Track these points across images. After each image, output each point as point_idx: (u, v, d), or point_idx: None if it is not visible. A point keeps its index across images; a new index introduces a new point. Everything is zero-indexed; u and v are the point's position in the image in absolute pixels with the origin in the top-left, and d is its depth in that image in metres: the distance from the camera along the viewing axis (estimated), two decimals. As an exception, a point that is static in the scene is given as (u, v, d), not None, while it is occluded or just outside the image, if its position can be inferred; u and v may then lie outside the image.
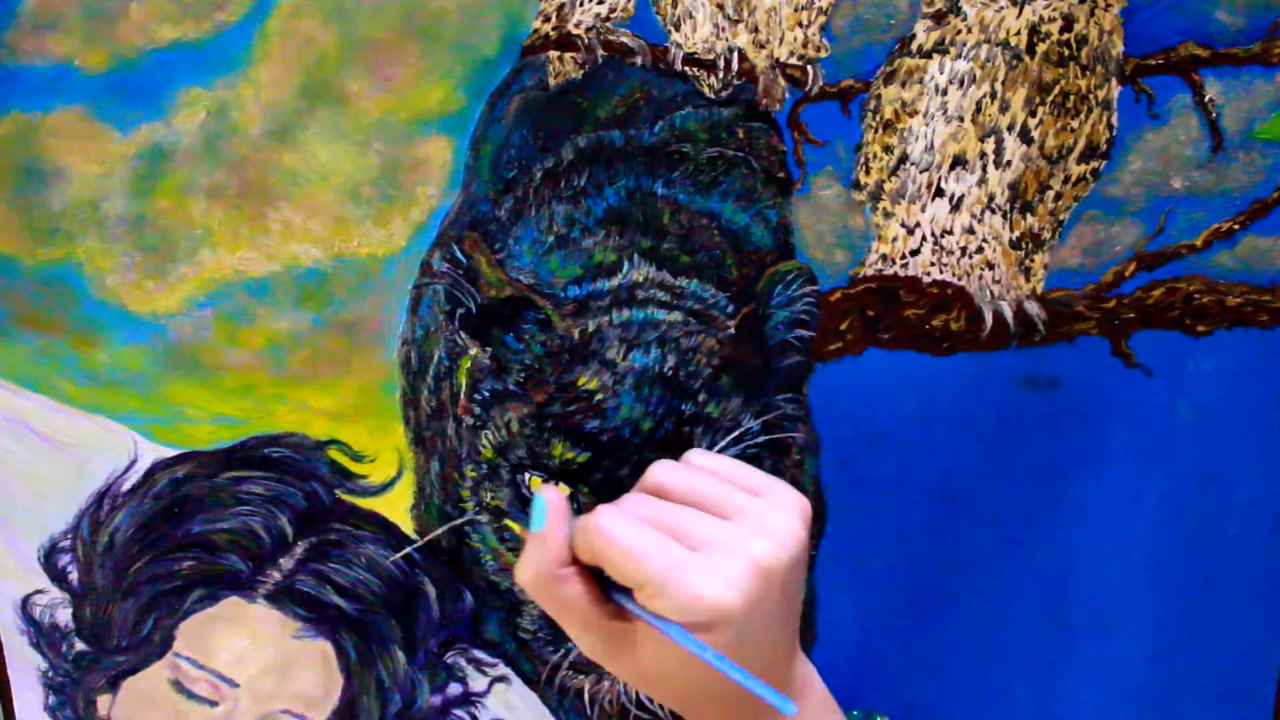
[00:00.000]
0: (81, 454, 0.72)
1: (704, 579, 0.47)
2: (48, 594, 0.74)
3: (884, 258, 0.65)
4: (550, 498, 0.52)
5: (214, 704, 0.73)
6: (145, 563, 0.72)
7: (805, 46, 0.63)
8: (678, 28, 0.63)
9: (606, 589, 0.52)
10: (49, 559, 0.73)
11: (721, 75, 0.64)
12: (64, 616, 0.74)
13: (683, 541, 0.49)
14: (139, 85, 0.64)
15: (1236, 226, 0.64)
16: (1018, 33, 0.61)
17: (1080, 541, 0.69)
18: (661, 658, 0.51)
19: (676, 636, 0.47)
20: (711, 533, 0.49)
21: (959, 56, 0.62)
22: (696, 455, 0.55)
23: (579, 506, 0.65)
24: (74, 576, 0.73)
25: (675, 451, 0.66)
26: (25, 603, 0.74)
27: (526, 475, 0.68)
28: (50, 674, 0.75)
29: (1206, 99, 0.61)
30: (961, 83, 0.62)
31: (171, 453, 0.71)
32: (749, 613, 0.48)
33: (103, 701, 0.75)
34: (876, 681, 0.71)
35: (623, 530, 0.49)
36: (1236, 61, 0.61)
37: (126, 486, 0.72)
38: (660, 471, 0.54)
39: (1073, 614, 0.65)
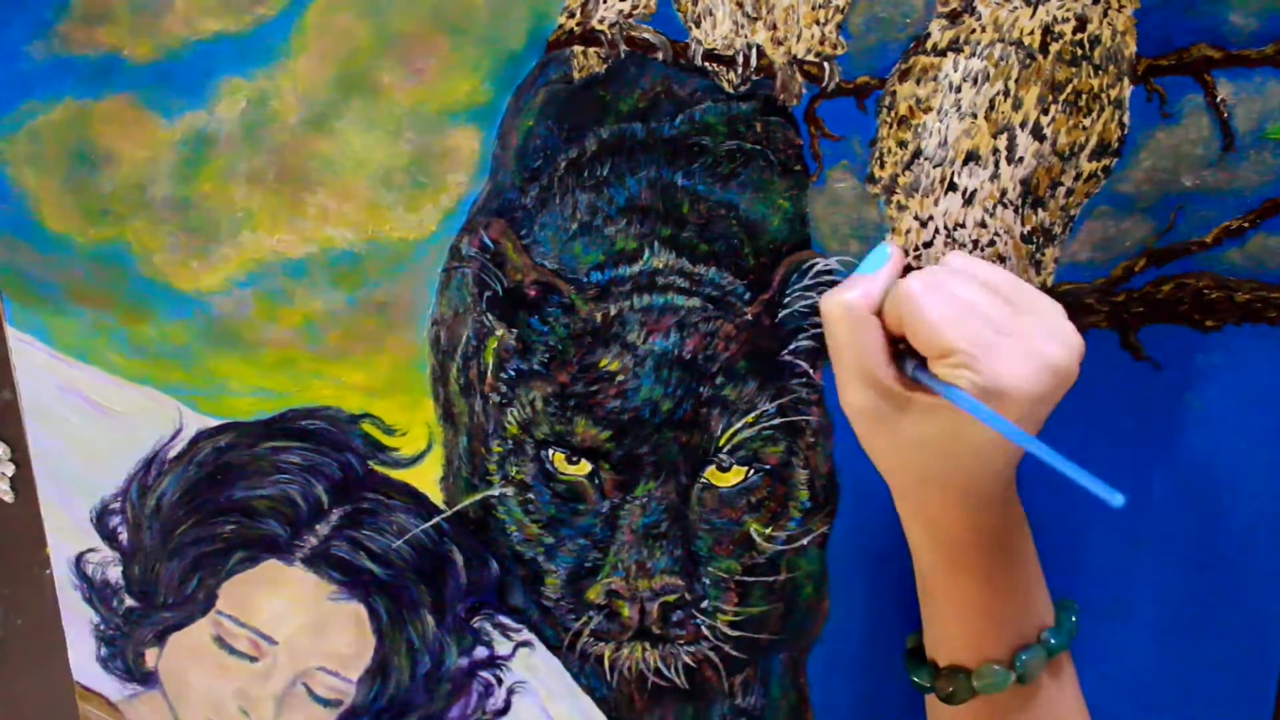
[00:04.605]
0: (130, 422, 0.73)
1: (1005, 362, 0.51)
2: (99, 553, 0.76)
3: (897, 249, 0.66)
4: (894, 253, 0.56)
5: (254, 659, 0.75)
6: (189, 526, 0.74)
7: (822, 44, 0.63)
8: (698, 24, 0.63)
9: (900, 357, 0.54)
10: (100, 520, 0.75)
11: (740, 71, 0.64)
12: (114, 574, 0.76)
13: (986, 323, 0.52)
14: (183, 75, 0.65)
15: (1246, 224, 0.63)
16: (1031, 32, 0.61)
17: (1086, 531, 0.70)
18: (923, 430, 0.54)
19: (967, 405, 0.50)
20: (1012, 323, 0.52)
21: (973, 55, 0.62)
22: (965, 260, 0.57)
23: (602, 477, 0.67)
24: (124, 537, 0.75)
25: (694, 432, 0.68)
26: (79, 560, 0.76)
27: (550, 451, 0.70)
28: (102, 628, 0.77)
29: (1219, 99, 0.61)
30: (975, 80, 0.62)
31: (214, 423, 0.72)
32: (1034, 404, 0.51)
33: (150, 654, 0.77)
34: (888, 660, 0.71)
35: (936, 302, 0.52)
36: (1249, 63, 0.60)
37: (172, 454, 0.73)
38: (960, 260, 0.56)
39: (1077, 602, 0.65)
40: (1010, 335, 0.52)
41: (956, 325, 0.52)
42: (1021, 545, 0.60)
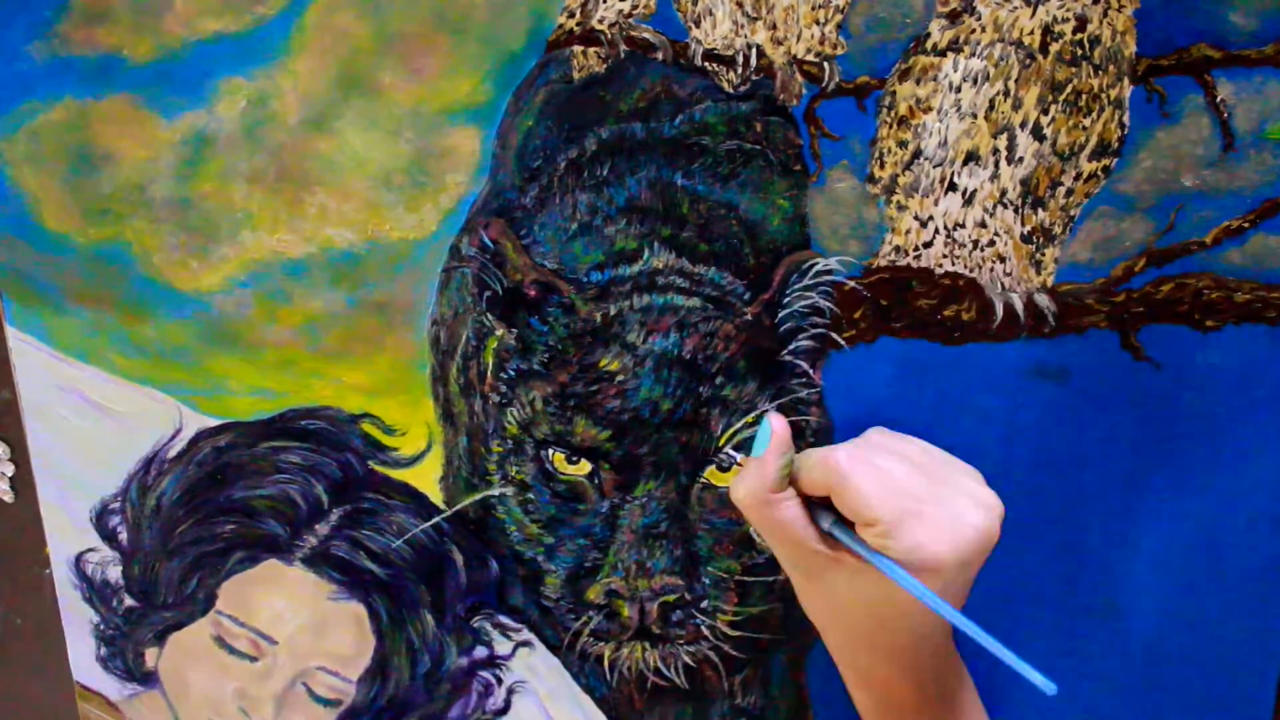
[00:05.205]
0: (130, 422, 0.73)
1: (927, 530, 0.52)
2: (99, 552, 0.76)
3: (897, 249, 0.66)
4: (776, 427, 0.57)
5: (254, 659, 0.75)
6: (189, 525, 0.74)
7: (822, 44, 0.63)
8: (698, 24, 0.63)
9: (817, 519, 0.56)
10: (100, 520, 0.75)
11: (740, 71, 0.64)
12: (114, 574, 0.76)
13: (908, 494, 0.53)
14: (183, 75, 0.65)
15: (1246, 224, 0.63)
16: (1031, 32, 0.61)
17: (1085, 530, 0.70)
18: (854, 591, 0.55)
19: (892, 572, 0.52)
20: (932, 493, 0.54)
21: (973, 55, 0.62)
22: (885, 434, 0.59)
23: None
24: (123, 537, 0.75)
25: (693, 432, 0.68)
26: (78, 560, 0.76)
27: (550, 451, 0.70)
28: (102, 627, 0.78)
29: (1218, 99, 0.61)
30: (975, 80, 0.62)
31: (214, 422, 0.73)
32: (958, 570, 0.53)
33: (150, 654, 0.78)
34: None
35: (862, 473, 0.54)
36: (1249, 63, 0.60)
37: (172, 453, 0.73)
38: (879, 435, 0.58)
39: (1076, 602, 0.66)
40: (931, 504, 0.54)
41: (880, 497, 0.54)
42: (960, 695, 0.61)
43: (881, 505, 0.53)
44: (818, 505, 0.57)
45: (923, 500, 0.54)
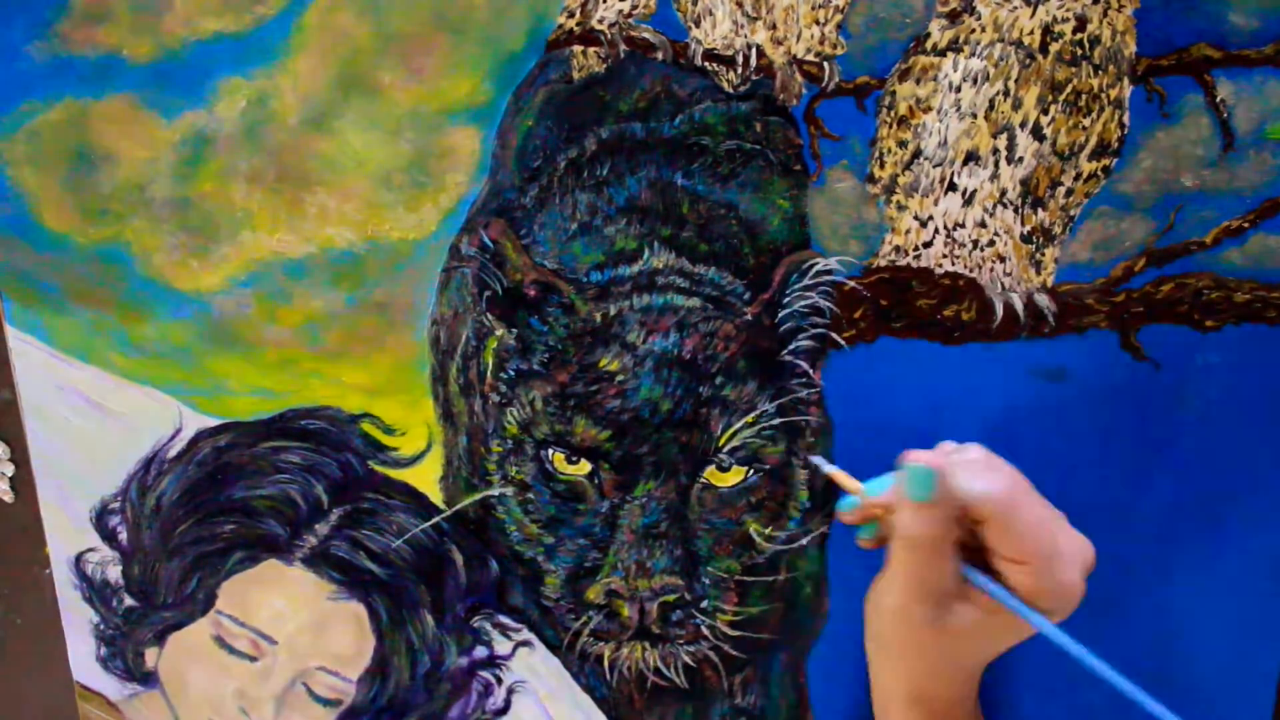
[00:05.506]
0: (130, 422, 0.73)
1: (1067, 572, 0.54)
2: (99, 552, 0.76)
3: (897, 249, 0.66)
4: (938, 473, 0.55)
5: (254, 659, 0.75)
6: (189, 525, 0.74)
7: (822, 43, 0.63)
8: (698, 24, 0.63)
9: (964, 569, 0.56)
10: (100, 520, 0.75)
11: (740, 71, 0.64)
12: (114, 574, 0.76)
13: (1048, 529, 0.55)
14: (183, 75, 0.65)
15: (1246, 224, 0.63)
16: (1031, 32, 0.61)
17: (1085, 530, 0.69)
18: (962, 623, 0.56)
19: (1022, 611, 0.54)
20: (1057, 524, 0.56)
21: (973, 55, 0.62)
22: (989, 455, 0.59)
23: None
24: (123, 536, 0.75)
25: (693, 432, 0.68)
26: (78, 560, 0.76)
27: (550, 451, 0.70)
28: (102, 627, 0.77)
29: (1218, 99, 0.61)
30: (975, 80, 0.62)
31: (214, 422, 0.73)
32: (1076, 604, 0.55)
33: (150, 654, 0.77)
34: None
35: (1025, 508, 0.55)
36: (1249, 63, 0.60)
37: (172, 453, 0.73)
38: (988, 456, 0.58)
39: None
40: (1062, 538, 0.55)
41: (1035, 535, 0.54)
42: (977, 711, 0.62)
43: (1035, 544, 0.54)
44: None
45: (1058, 536, 0.55)
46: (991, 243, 0.65)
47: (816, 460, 0.67)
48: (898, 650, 0.59)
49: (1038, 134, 0.63)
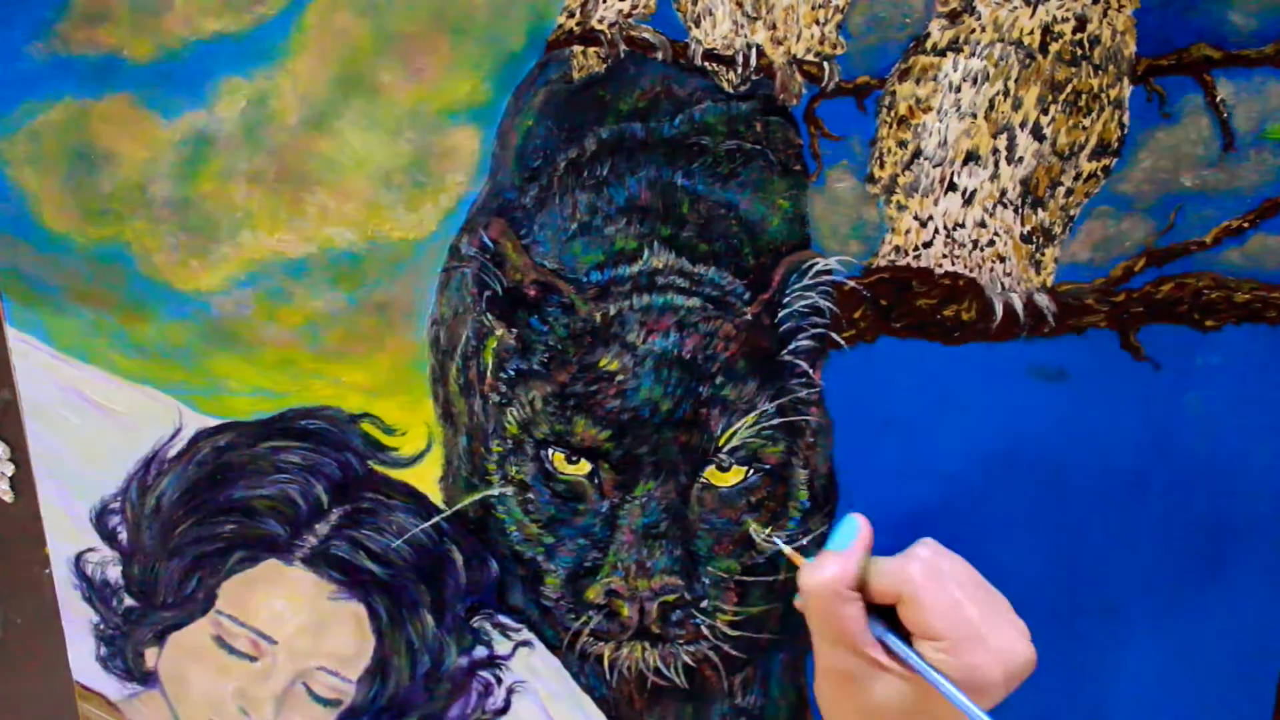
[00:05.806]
0: (130, 422, 0.73)
1: (988, 654, 0.56)
2: (99, 552, 0.76)
3: (897, 249, 0.66)
4: (863, 525, 0.59)
5: (253, 659, 0.75)
6: (189, 525, 0.74)
7: (822, 43, 0.63)
8: (698, 24, 0.63)
9: (870, 624, 0.58)
10: (100, 520, 0.75)
11: (740, 71, 0.64)
12: (114, 574, 0.76)
13: (971, 616, 0.56)
14: (183, 75, 0.65)
15: (1246, 224, 0.63)
16: (1031, 32, 0.61)
17: (1085, 530, 0.70)
18: (889, 696, 0.57)
19: (943, 688, 0.55)
20: (989, 618, 0.57)
21: (973, 55, 0.62)
22: (935, 549, 0.61)
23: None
24: (123, 536, 0.75)
25: (693, 432, 0.68)
26: (78, 560, 0.76)
27: (550, 451, 0.70)
28: (102, 627, 0.77)
29: (1218, 99, 0.61)
30: (975, 80, 0.62)
31: (214, 422, 0.73)
32: (1003, 692, 0.56)
33: (150, 654, 0.77)
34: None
35: (935, 589, 0.57)
36: (1249, 63, 0.60)
37: (172, 453, 0.73)
38: (930, 551, 0.60)
39: (1076, 602, 0.66)
40: (989, 630, 0.56)
41: (949, 615, 0.56)
42: None
43: (948, 624, 0.56)
44: (871, 611, 0.58)
45: (981, 625, 0.56)
46: (991, 243, 0.65)
47: (777, 540, 0.70)
48: (835, 714, 0.61)
49: (1038, 134, 0.63)
